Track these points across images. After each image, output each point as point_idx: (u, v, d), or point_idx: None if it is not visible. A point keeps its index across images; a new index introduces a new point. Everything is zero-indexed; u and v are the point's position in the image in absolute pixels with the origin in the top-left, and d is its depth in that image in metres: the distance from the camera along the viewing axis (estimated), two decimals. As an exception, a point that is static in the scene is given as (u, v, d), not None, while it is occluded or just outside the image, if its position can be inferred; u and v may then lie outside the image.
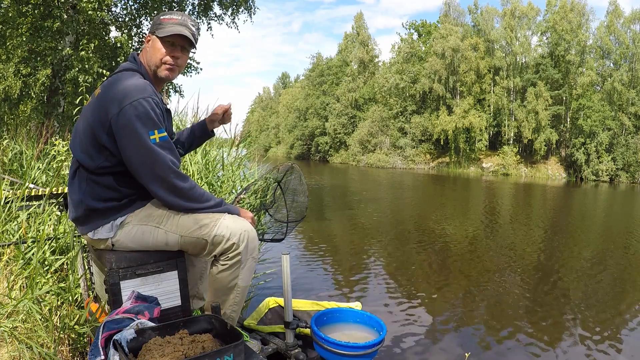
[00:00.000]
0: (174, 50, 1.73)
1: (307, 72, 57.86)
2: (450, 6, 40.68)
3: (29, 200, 2.78)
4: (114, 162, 1.62)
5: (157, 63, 1.73)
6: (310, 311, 2.50)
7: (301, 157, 53.03)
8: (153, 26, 1.74)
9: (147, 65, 1.75)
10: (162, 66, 1.73)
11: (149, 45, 1.74)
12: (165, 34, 1.70)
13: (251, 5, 11.69)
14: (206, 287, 1.93)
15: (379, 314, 3.51)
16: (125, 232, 1.68)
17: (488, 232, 8.59)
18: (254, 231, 1.80)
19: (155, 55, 1.72)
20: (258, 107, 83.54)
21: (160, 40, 1.71)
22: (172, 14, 1.75)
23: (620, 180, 30.78)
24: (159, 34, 1.71)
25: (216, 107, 2.12)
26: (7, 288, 1.93)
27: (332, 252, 6.28)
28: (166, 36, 1.70)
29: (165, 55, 1.72)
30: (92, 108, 1.64)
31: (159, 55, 1.72)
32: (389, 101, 42.41)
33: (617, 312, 4.17)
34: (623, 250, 7.23)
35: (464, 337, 3.46)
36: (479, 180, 27.46)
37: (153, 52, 1.72)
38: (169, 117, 1.81)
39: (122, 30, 10.06)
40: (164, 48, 1.72)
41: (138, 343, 1.33)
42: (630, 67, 32.99)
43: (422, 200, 14.85)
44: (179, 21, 1.74)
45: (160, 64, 1.73)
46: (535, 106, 34.27)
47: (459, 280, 5.12)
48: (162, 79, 1.77)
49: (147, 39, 1.75)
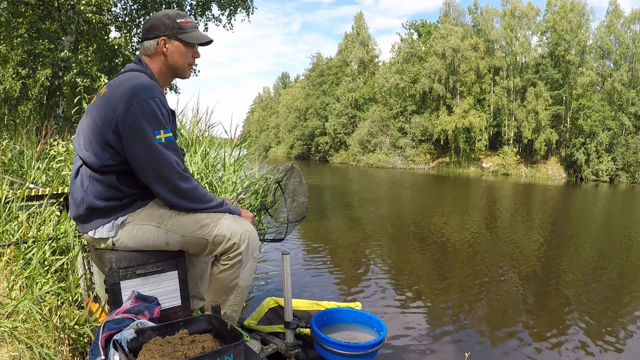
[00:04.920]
0: (196, 52, 1.82)
1: (307, 72, 57.91)
2: (450, 6, 40.69)
3: (29, 200, 2.78)
4: (119, 161, 1.62)
5: (184, 66, 1.81)
6: (310, 311, 2.51)
7: (301, 157, 53.00)
8: (168, 29, 1.73)
9: (164, 67, 1.77)
10: (187, 68, 1.82)
11: (170, 49, 1.75)
12: (196, 41, 1.78)
13: (249, 5, 11.70)
14: (206, 287, 1.93)
15: (379, 314, 3.52)
16: (126, 232, 1.68)
17: (488, 232, 8.59)
18: (254, 231, 1.80)
19: (183, 59, 1.78)
20: (258, 107, 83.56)
21: (186, 45, 1.77)
22: (184, 16, 1.80)
23: (620, 180, 30.78)
24: (187, 39, 1.76)
25: None
26: (7, 288, 1.93)
27: (332, 252, 6.28)
28: (199, 43, 1.80)
29: (191, 58, 1.80)
30: (98, 106, 1.64)
31: (187, 60, 1.79)
32: (389, 101, 42.42)
33: (618, 312, 4.16)
34: (623, 251, 7.23)
35: (464, 337, 3.46)
36: (479, 180, 27.46)
37: (180, 56, 1.77)
38: (174, 118, 1.82)
39: (122, 31, 10.07)
40: (190, 52, 1.79)
41: (138, 343, 1.33)
42: (630, 67, 33.01)
43: (422, 200, 14.85)
44: (194, 24, 1.82)
45: (187, 67, 1.81)
46: (535, 106, 34.27)
47: (459, 281, 5.12)
48: (180, 78, 1.87)
49: (162, 43, 1.73)
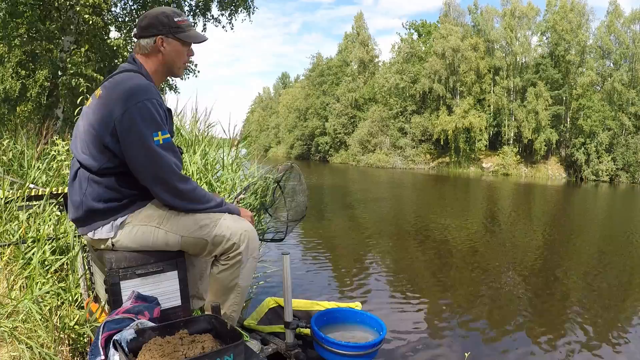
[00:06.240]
0: (191, 51, 1.81)
1: (307, 72, 57.89)
2: (450, 6, 40.67)
3: (29, 200, 2.78)
4: (117, 163, 1.61)
5: (180, 65, 1.80)
6: (310, 311, 2.51)
7: (301, 157, 52.97)
8: (165, 27, 1.71)
9: (160, 66, 1.76)
10: (182, 67, 1.82)
11: (167, 48, 1.73)
12: (194, 40, 1.77)
13: (250, 5, 11.68)
14: (206, 287, 1.93)
15: (379, 314, 3.51)
16: (125, 232, 1.67)
17: (488, 232, 8.59)
18: (254, 231, 1.80)
19: (179, 58, 1.78)
20: (258, 107, 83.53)
21: (183, 43, 1.75)
22: (181, 14, 1.78)
23: (620, 180, 30.78)
24: (185, 38, 1.74)
25: None
26: (7, 288, 1.93)
27: (332, 252, 6.28)
28: (195, 42, 1.78)
29: (187, 57, 1.80)
30: (94, 109, 1.63)
31: (183, 58, 1.79)
32: (389, 101, 42.39)
33: (618, 312, 4.16)
34: (624, 251, 7.23)
35: (464, 336, 3.46)
36: (479, 180, 27.45)
37: (177, 55, 1.76)
38: (170, 116, 1.81)
39: (122, 31, 10.07)
40: (185, 50, 1.78)
41: (138, 343, 1.33)
42: (630, 67, 32.99)
43: (423, 200, 14.84)
44: (190, 22, 1.80)
45: (182, 65, 1.81)
46: (535, 106, 34.26)
47: (459, 280, 5.12)
48: (174, 77, 1.90)
49: (159, 41, 1.72)
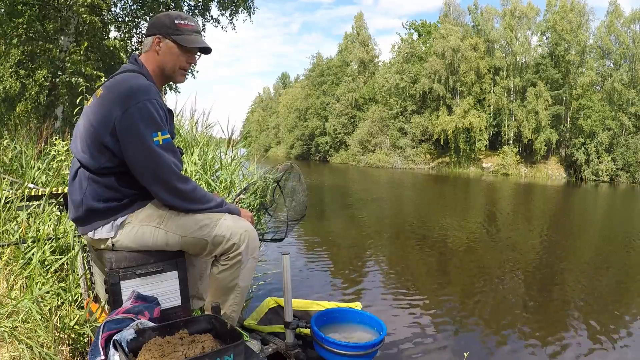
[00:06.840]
0: (191, 58, 1.75)
1: (307, 72, 57.91)
2: (450, 6, 40.67)
3: (29, 200, 2.77)
4: (117, 163, 1.61)
5: (174, 69, 1.74)
6: (310, 311, 2.50)
7: (301, 157, 52.97)
8: (164, 28, 1.69)
9: (156, 67, 1.73)
10: (178, 71, 1.75)
11: (163, 48, 1.70)
12: (189, 44, 1.70)
13: (250, 5, 11.68)
14: (206, 287, 1.93)
15: (379, 314, 3.51)
16: (125, 232, 1.67)
17: (488, 232, 8.58)
18: (254, 231, 1.80)
19: (174, 61, 1.72)
20: (258, 107, 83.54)
21: (180, 47, 1.70)
22: (186, 18, 1.73)
23: (620, 180, 30.78)
24: (181, 42, 1.69)
25: None
26: (7, 288, 1.93)
27: (332, 252, 6.28)
28: (192, 47, 1.71)
29: (184, 62, 1.73)
30: (95, 109, 1.62)
31: (178, 62, 1.73)
32: (389, 101, 42.39)
33: (619, 312, 4.16)
34: (624, 251, 7.23)
35: (464, 337, 3.46)
36: (479, 180, 27.45)
37: (170, 57, 1.71)
38: (171, 117, 1.80)
39: (122, 31, 10.07)
40: (183, 55, 1.72)
41: (138, 343, 1.33)
42: (630, 67, 32.99)
43: (423, 200, 14.84)
44: (195, 28, 1.74)
45: (177, 70, 1.74)
46: (535, 106, 34.26)
47: (459, 280, 5.12)
48: (172, 82, 1.80)
49: (156, 41, 1.70)
